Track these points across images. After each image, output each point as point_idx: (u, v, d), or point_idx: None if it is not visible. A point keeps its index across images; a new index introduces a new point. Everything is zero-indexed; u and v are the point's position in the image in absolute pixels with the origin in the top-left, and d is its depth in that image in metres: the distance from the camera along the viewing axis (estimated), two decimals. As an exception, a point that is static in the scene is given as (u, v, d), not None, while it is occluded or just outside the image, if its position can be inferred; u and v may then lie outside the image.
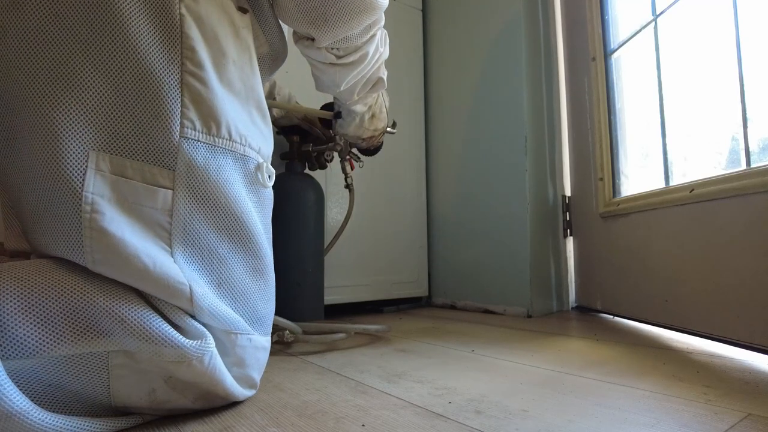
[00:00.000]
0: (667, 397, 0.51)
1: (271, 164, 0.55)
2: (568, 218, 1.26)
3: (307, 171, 1.11)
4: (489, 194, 1.29)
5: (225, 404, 0.49)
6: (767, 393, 0.51)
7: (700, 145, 0.90)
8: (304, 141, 1.06)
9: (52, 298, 0.38)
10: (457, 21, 1.43)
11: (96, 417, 0.41)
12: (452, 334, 0.93)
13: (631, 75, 1.10)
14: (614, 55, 1.11)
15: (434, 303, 1.47)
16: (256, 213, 0.52)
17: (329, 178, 1.25)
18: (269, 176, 0.54)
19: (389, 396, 0.53)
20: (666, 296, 0.87)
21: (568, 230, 1.26)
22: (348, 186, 1.09)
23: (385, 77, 0.72)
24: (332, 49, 0.59)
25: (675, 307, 0.85)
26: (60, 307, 0.38)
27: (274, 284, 0.55)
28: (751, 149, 0.73)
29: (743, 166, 0.74)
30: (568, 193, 1.27)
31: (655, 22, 0.96)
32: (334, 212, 1.26)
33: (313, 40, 0.58)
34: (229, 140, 0.48)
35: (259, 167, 0.52)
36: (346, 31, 0.56)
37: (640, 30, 1.01)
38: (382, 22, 0.60)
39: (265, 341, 0.52)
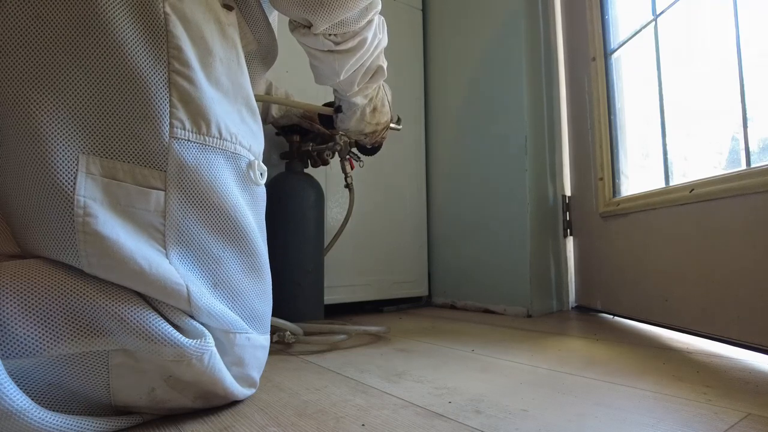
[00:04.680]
0: (667, 396, 0.51)
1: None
2: (568, 218, 1.26)
3: (308, 170, 1.11)
4: (489, 194, 1.29)
5: (225, 403, 0.49)
6: (767, 393, 0.51)
7: (700, 145, 0.90)
8: (304, 140, 1.06)
9: (52, 297, 0.38)
10: (457, 21, 1.43)
11: (96, 416, 0.41)
12: (452, 334, 0.93)
13: (631, 75, 1.10)
14: (614, 55, 1.11)
15: (434, 303, 1.47)
16: (250, 211, 0.51)
17: (329, 177, 1.25)
18: (261, 174, 0.53)
19: (389, 396, 0.53)
20: (666, 296, 0.87)
21: (568, 230, 1.26)
22: (348, 186, 1.09)
23: (385, 66, 0.70)
24: (330, 35, 0.58)
25: (675, 306, 0.85)
26: (60, 306, 0.38)
27: (270, 282, 0.55)
28: (751, 149, 0.73)
29: (743, 166, 0.74)
30: (568, 192, 1.27)
31: (655, 22, 0.96)
32: (334, 212, 1.26)
33: (309, 27, 0.57)
34: (220, 139, 0.48)
35: (250, 165, 0.52)
36: (343, 13, 0.55)
37: (640, 30, 1.01)
38: (379, 6, 0.60)
39: (264, 340, 0.52)
